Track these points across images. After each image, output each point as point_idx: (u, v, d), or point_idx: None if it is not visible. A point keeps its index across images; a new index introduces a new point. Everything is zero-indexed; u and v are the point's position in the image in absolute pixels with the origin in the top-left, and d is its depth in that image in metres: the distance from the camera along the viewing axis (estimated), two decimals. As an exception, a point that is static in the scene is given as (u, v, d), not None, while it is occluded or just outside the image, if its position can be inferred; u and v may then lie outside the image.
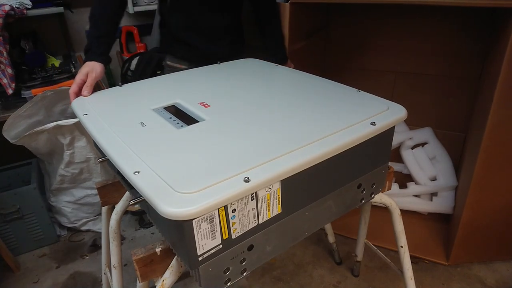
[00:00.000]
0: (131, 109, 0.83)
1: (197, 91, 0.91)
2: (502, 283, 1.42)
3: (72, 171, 1.60)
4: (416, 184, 1.69)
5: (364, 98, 0.84)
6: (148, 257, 0.69)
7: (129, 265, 1.56)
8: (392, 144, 0.84)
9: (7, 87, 1.56)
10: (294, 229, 0.71)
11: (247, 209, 0.60)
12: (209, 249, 0.59)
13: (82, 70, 0.98)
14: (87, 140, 1.56)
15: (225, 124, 0.74)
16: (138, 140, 0.69)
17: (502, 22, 1.23)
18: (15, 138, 1.47)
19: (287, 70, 1.05)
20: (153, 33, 2.10)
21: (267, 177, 0.58)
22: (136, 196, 0.64)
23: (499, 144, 1.21)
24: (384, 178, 0.87)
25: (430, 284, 1.43)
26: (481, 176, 1.27)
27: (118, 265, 1.00)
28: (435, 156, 1.71)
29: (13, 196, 1.55)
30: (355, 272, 1.49)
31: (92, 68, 0.99)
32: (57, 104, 1.62)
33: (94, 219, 1.77)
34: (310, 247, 1.64)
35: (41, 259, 1.64)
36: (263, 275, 1.51)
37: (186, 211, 0.52)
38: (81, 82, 0.96)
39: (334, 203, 0.76)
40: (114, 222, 0.96)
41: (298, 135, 0.68)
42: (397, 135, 1.79)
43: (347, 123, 0.72)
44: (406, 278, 1.05)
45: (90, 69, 0.98)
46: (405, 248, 1.03)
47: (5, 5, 1.56)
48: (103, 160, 0.80)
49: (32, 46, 1.84)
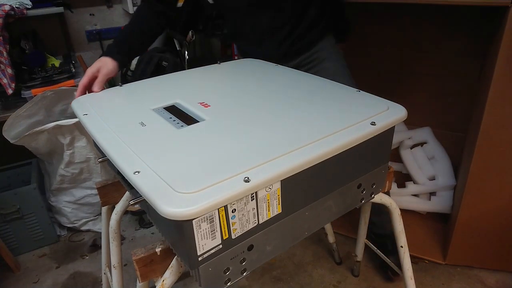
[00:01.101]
0: (131, 109, 0.83)
1: (197, 91, 0.91)
2: (502, 284, 1.42)
3: (72, 171, 1.60)
4: (414, 183, 1.69)
5: (364, 98, 0.84)
6: (148, 257, 0.69)
7: (129, 265, 1.56)
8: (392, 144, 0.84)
9: (7, 87, 1.56)
10: (294, 229, 0.71)
11: (247, 209, 0.60)
12: (209, 249, 0.59)
13: (94, 64, 0.95)
14: (87, 140, 1.56)
15: (225, 124, 0.74)
16: (138, 140, 0.69)
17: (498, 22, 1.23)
18: (15, 138, 1.47)
19: (287, 70, 1.05)
20: (153, 33, 2.10)
21: (267, 177, 0.58)
22: (136, 196, 0.64)
23: (494, 144, 1.21)
24: (384, 178, 0.87)
25: (430, 284, 1.43)
26: (476, 176, 1.28)
27: (118, 265, 1.00)
28: (434, 155, 1.72)
29: (13, 196, 1.55)
30: (355, 272, 1.49)
31: (105, 64, 0.95)
32: (57, 104, 1.63)
33: (94, 219, 1.77)
34: (310, 247, 1.64)
35: (41, 259, 1.64)
36: (263, 275, 1.51)
37: (186, 211, 0.52)
38: (92, 76, 0.94)
39: (334, 203, 0.76)
40: (114, 222, 0.95)
41: (298, 135, 0.68)
42: (396, 134, 1.79)
43: (347, 123, 0.72)
44: (406, 278, 1.05)
45: (103, 64, 0.95)
46: (405, 248, 1.03)
47: (5, 5, 1.56)
48: (103, 160, 0.80)
49: (32, 46, 1.84)
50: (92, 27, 2.15)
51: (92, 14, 2.12)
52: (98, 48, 2.21)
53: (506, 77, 1.12)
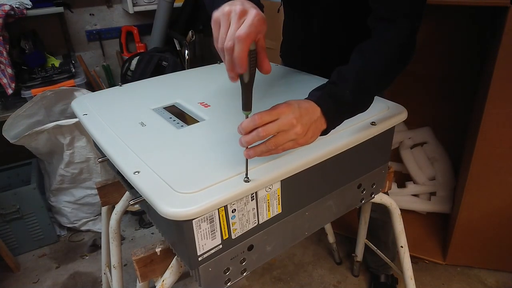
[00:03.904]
0: (131, 109, 0.83)
1: (197, 91, 0.91)
2: (502, 284, 1.42)
3: (72, 171, 1.60)
4: (414, 183, 1.69)
5: (364, 98, 0.84)
6: (148, 257, 0.69)
7: (129, 265, 1.56)
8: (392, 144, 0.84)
9: (7, 87, 1.56)
10: (294, 229, 0.71)
11: (247, 209, 0.60)
12: (209, 249, 0.59)
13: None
14: (87, 140, 1.56)
15: (225, 124, 0.74)
16: (138, 140, 0.69)
17: (498, 22, 1.23)
18: (15, 138, 1.47)
19: (288, 70, 1.05)
20: (153, 33, 2.10)
21: (267, 177, 0.58)
22: (136, 196, 0.64)
23: (493, 144, 1.21)
24: (384, 178, 0.87)
25: (430, 284, 1.43)
26: (476, 176, 1.28)
27: (118, 265, 1.00)
28: (434, 156, 1.71)
29: (13, 196, 1.54)
30: (355, 272, 1.49)
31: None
32: (57, 104, 1.63)
33: (94, 219, 1.77)
34: (310, 247, 1.64)
35: (41, 259, 1.64)
36: (263, 275, 1.51)
37: (186, 211, 0.52)
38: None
39: (334, 203, 0.76)
40: (114, 222, 0.95)
41: (298, 135, 0.68)
42: (396, 134, 1.79)
43: (347, 123, 0.72)
44: (406, 278, 1.05)
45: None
46: (405, 248, 1.03)
47: (5, 5, 1.56)
48: (103, 160, 0.80)
49: (32, 46, 1.84)
50: (92, 27, 2.15)
51: (92, 14, 2.12)
52: (98, 48, 2.20)
53: (506, 77, 1.12)
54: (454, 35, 1.62)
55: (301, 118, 0.56)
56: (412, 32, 0.70)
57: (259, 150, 0.56)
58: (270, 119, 0.55)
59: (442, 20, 1.62)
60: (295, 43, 1.08)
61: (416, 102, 1.79)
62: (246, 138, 0.55)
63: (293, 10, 1.03)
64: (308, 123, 0.57)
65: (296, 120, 0.55)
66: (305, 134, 0.57)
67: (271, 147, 0.55)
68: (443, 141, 1.75)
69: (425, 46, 1.69)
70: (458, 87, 1.68)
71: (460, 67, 1.65)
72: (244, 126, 0.55)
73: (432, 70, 1.72)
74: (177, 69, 1.84)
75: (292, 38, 1.09)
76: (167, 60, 1.86)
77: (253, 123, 0.54)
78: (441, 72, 1.71)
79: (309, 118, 0.57)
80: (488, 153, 1.23)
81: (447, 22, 1.61)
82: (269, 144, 0.55)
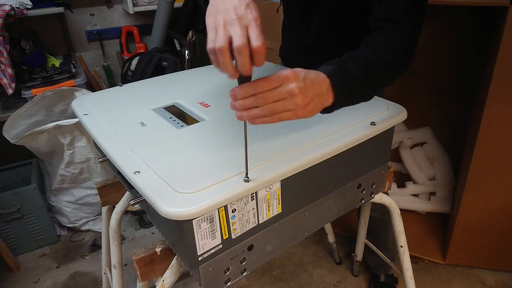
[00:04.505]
0: (131, 109, 0.83)
1: (197, 91, 0.91)
2: (502, 283, 1.42)
3: (72, 171, 1.60)
4: (414, 183, 1.69)
5: (364, 98, 0.84)
6: (148, 257, 0.70)
7: (129, 265, 1.56)
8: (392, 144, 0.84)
9: (7, 87, 1.56)
10: (294, 229, 0.71)
11: (247, 209, 0.60)
12: (209, 249, 0.59)
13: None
14: (87, 140, 1.56)
15: (225, 124, 0.74)
16: (138, 140, 0.69)
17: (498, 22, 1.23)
18: (15, 138, 1.47)
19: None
20: (153, 33, 2.10)
21: (267, 177, 0.58)
22: (136, 196, 0.64)
23: (493, 144, 1.21)
24: (384, 178, 0.87)
25: (430, 284, 1.43)
26: (476, 176, 1.28)
27: (118, 265, 1.00)
28: (434, 156, 1.72)
29: (13, 196, 1.55)
30: (355, 272, 1.49)
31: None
32: (57, 104, 1.63)
33: (94, 219, 1.77)
34: (310, 247, 1.64)
35: (41, 259, 1.64)
36: (263, 275, 1.51)
37: (186, 211, 0.52)
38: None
39: (334, 203, 0.76)
40: (114, 222, 0.95)
41: (298, 135, 0.68)
42: (396, 134, 1.79)
43: (347, 123, 0.72)
44: (406, 278, 1.05)
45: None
46: (405, 248, 1.03)
47: (5, 5, 1.56)
48: (103, 160, 0.80)
49: (32, 46, 1.84)
50: (92, 27, 2.15)
51: (92, 14, 2.12)
52: (98, 48, 2.20)
53: (506, 77, 1.13)
54: (454, 35, 1.62)
55: (304, 89, 0.52)
56: (415, 33, 0.70)
57: (253, 113, 0.52)
58: (271, 87, 0.51)
59: (442, 20, 1.62)
60: (294, 44, 1.08)
61: (416, 102, 1.79)
62: (241, 102, 0.51)
63: (292, 11, 1.03)
64: (311, 95, 0.54)
65: (299, 90, 0.52)
66: (305, 106, 0.53)
67: (266, 113, 0.52)
68: (443, 141, 1.75)
69: (425, 46, 1.69)
70: (458, 87, 1.68)
71: (460, 67, 1.65)
72: (243, 92, 0.51)
73: (432, 70, 1.72)
74: (177, 69, 1.84)
75: (291, 39, 1.09)
76: (167, 60, 1.86)
77: (252, 90, 0.51)
78: (441, 72, 1.71)
79: (313, 90, 0.54)
80: (488, 153, 1.23)
81: (447, 22, 1.61)
82: (265, 109, 0.51)
